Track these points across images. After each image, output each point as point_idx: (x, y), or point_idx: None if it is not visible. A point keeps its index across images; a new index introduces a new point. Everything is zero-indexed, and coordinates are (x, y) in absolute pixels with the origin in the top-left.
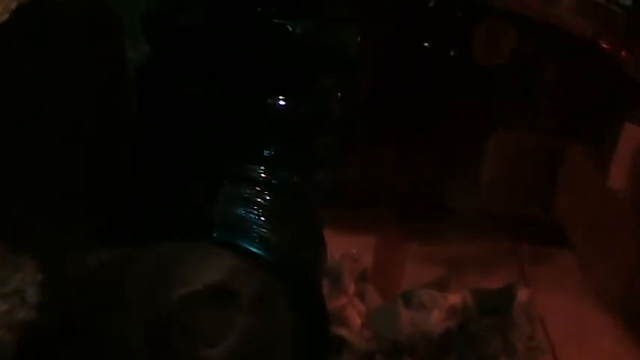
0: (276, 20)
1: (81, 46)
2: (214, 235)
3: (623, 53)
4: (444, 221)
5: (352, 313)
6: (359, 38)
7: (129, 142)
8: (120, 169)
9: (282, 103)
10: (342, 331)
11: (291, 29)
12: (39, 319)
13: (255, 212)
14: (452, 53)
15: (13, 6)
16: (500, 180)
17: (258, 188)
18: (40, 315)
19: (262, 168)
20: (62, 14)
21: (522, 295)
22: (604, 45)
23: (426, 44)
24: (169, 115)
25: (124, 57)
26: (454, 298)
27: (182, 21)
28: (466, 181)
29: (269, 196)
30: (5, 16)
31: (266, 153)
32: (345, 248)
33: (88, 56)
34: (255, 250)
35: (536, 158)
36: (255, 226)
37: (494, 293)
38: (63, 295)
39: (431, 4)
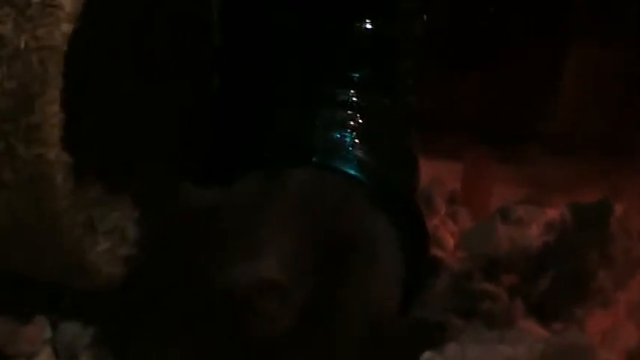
0: None
1: None
2: (314, 159)
3: None
4: (530, 142)
5: (445, 235)
6: None
7: (217, 76)
8: (212, 100)
9: (368, 26)
10: (437, 252)
11: None
12: (139, 254)
13: (350, 135)
14: None
15: None
16: (579, 100)
17: (350, 112)
18: (139, 251)
19: (353, 92)
20: None
21: (619, 208)
22: None
23: None
24: (256, 45)
25: None
26: (552, 213)
27: None
28: (548, 100)
29: (361, 118)
30: None
31: (355, 77)
32: (433, 173)
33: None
34: (353, 172)
35: (619, 75)
36: (351, 149)
37: (592, 207)
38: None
39: None
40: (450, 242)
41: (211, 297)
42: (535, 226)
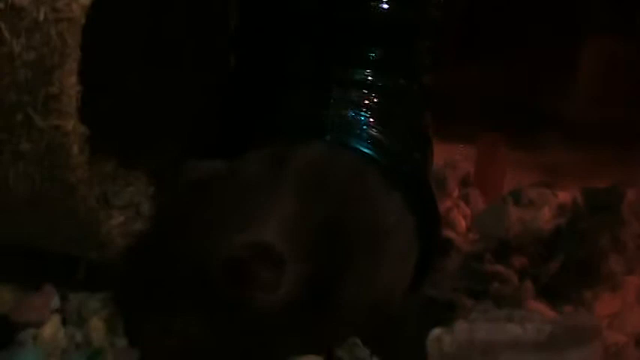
0: None
1: None
2: (327, 137)
3: None
4: (543, 128)
5: (457, 216)
6: None
7: (234, 55)
8: (228, 80)
9: (385, 5)
10: (449, 233)
11: None
12: (149, 228)
13: (364, 114)
14: None
15: None
16: (596, 88)
17: (365, 91)
18: (150, 225)
19: (368, 71)
20: None
21: (631, 193)
22: None
23: None
24: (272, 22)
25: None
26: (564, 196)
27: None
28: (564, 87)
29: (376, 98)
30: None
31: (371, 56)
32: (447, 155)
33: None
34: (367, 150)
35: (634, 64)
36: (365, 127)
37: (604, 191)
38: (161, 206)
39: None
40: (462, 224)
41: (207, 265)
42: (547, 209)
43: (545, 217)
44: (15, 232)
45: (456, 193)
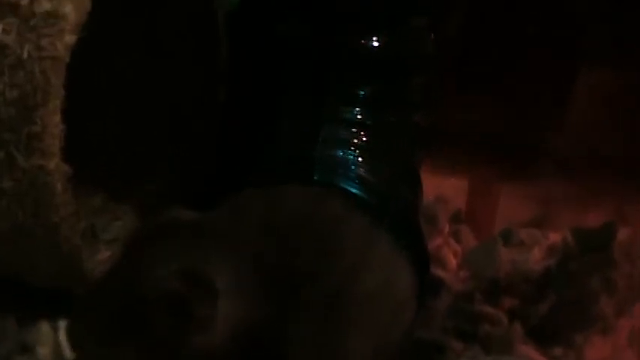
0: None
1: None
2: (315, 177)
3: None
4: (536, 161)
5: (448, 254)
6: None
7: (221, 89)
8: (214, 115)
9: (375, 43)
10: (439, 272)
11: None
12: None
13: (353, 153)
14: None
15: None
16: (589, 119)
17: (354, 129)
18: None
19: (358, 109)
20: None
21: (622, 233)
22: None
23: None
24: (263, 58)
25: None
26: (554, 237)
27: None
28: (556, 120)
29: (366, 137)
30: None
31: (361, 94)
32: (438, 190)
33: (180, 2)
34: (355, 191)
35: (627, 97)
36: (353, 167)
37: (595, 232)
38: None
39: None
40: (453, 262)
41: (143, 295)
42: (537, 249)
43: (535, 258)
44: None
45: (446, 230)
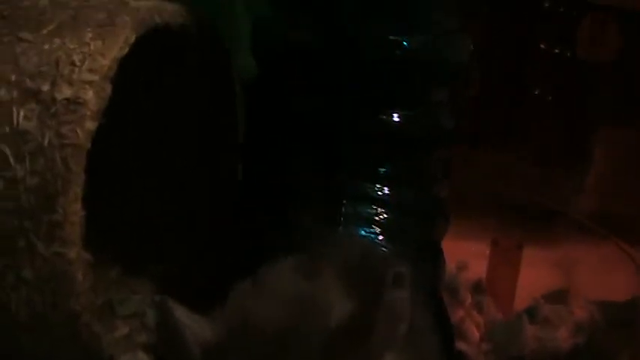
0: (391, 36)
1: (193, 71)
2: None
3: None
4: (555, 224)
5: (470, 326)
6: (472, 48)
7: (238, 163)
8: (232, 192)
9: (396, 119)
10: (462, 345)
11: (405, 44)
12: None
13: (374, 231)
14: (555, 50)
15: (132, 39)
16: (610, 181)
17: (375, 206)
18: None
19: (379, 186)
20: (177, 42)
21: None
22: None
23: (528, 43)
24: (280, 133)
25: (233, 78)
26: (580, 313)
27: (291, 37)
28: (575, 182)
29: (387, 213)
30: (126, 50)
31: (382, 171)
32: (459, 256)
33: (199, 80)
34: None
35: None
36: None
37: (621, 306)
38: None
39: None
40: (475, 335)
41: None
42: (564, 328)
43: (562, 336)
44: (16, 355)
45: (468, 301)
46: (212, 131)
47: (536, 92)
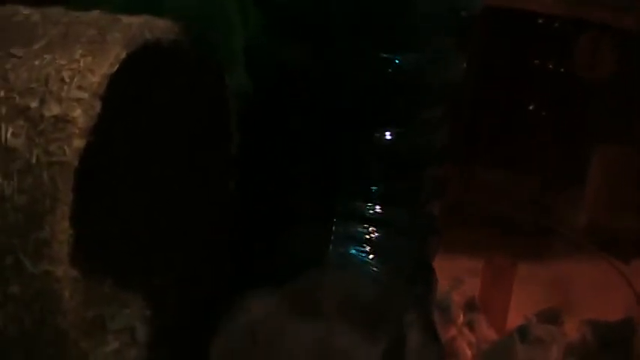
0: (384, 55)
1: (186, 88)
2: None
3: None
4: (550, 241)
5: (462, 344)
6: (465, 67)
7: (232, 183)
8: (226, 209)
9: (388, 137)
10: None
11: (398, 62)
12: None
13: (365, 250)
14: (552, 67)
15: (123, 55)
16: (605, 198)
17: (366, 225)
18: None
19: (370, 204)
20: (168, 59)
21: None
22: None
23: (524, 60)
24: (274, 152)
25: (226, 96)
26: (572, 333)
27: (286, 55)
28: (570, 198)
29: (379, 232)
30: (116, 66)
31: (374, 189)
32: (453, 273)
33: (191, 96)
34: None
35: None
36: (366, 264)
37: (614, 326)
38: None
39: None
40: (468, 353)
41: None
42: (555, 347)
43: (554, 356)
44: None
45: (460, 319)
46: (204, 147)
47: (532, 108)
